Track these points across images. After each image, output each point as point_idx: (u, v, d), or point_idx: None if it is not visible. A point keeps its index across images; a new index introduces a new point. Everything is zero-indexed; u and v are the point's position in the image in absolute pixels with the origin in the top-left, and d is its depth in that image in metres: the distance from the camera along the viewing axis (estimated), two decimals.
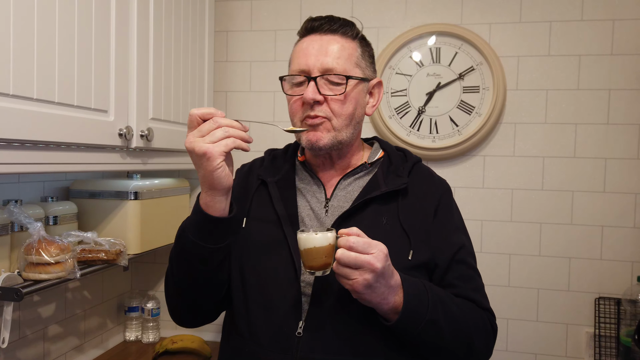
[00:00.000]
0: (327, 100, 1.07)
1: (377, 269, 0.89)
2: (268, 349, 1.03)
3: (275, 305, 1.05)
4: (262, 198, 1.15)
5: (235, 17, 2.09)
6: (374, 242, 0.92)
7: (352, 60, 1.09)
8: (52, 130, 1.14)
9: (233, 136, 0.93)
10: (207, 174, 0.94)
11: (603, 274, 1.86)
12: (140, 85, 1.49)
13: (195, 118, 0.95)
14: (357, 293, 0.92)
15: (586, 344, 1.87)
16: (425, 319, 0.96)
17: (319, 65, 1.06)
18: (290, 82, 1.12)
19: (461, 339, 1.02)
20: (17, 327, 1.52)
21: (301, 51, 1.10)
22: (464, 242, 1.13)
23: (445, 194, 1.17)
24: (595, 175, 1.87)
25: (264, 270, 1.08)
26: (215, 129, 0.93)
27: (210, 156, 0.92)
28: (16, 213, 1.26)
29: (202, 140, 0.92)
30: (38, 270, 1.26)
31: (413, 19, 1.97)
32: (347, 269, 0.90)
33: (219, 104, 2.11)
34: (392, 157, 1.18)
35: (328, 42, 1.08)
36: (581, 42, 1.86)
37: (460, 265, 1.10)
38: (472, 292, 1.09)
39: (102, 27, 1.32)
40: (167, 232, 1.80)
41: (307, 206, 1.13)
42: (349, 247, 0.90)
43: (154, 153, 1.61)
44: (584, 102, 1.87)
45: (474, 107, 1.92)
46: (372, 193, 1.09)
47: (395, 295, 0.95)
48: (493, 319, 1.12)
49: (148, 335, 2.03)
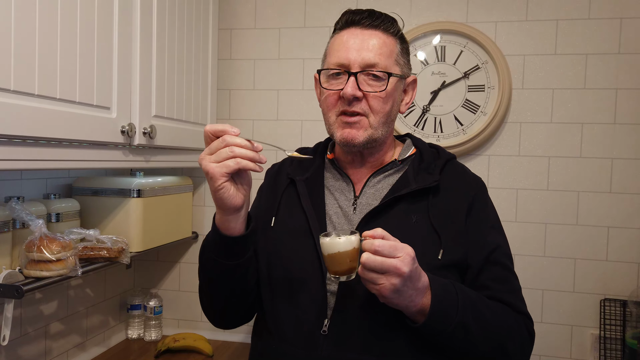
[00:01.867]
0: (366, 96, 1.04)
1: (405, 273, 0.86)
2: (294, 346, 1.02)
3: (301, 302, 1.04)
4: (291, 196, 1.14)
5: (239, 14, 2.09)
6: (400, 245, 0.88)
7: (393, 57, 1.07)
8: (54, 126, 1.13)
9: (239, 156, 0.90)
10: (212, 193, 0.95)
11: (609, 275, 1.85)
12: (143, 82, 1.48)
13: (207, 135, 0.94)
14: (384, 297, 0.89)
15: (591, 345, 1.85)
16: (455, 322, 0.92)
17: (360, 61, 1.04)
18: (326, 75, 1.08)
19: (493, 343, 0.98)
20: (18, 325, 1.52)
21: (341, 44, 1.06)
22: (499, 243, 1.09)
23: (480, 191, 1.13)
24: (601, 175, 1.85)
25: (291, 268, 1.07)
26: (222, 147, 0.91)
27: (212, 176, 0.91)
28: (18, 210, 1.25)
29: (208, 159, 0.92)
30: (39, 268, 1.25)
31: (418, 17, 1.96)
32: (373, 273, 0.87)
33: (222, 102, 2.10)
34: (424, 154, 1.15)
35: (370, 36, 1.06)
36: (588, 41, 1.84)
37: (495, 267, 1.06)
38: (507, 294, 1.05)
39: (105, 22, 1.31)
40: (169, 230, 1.80)
41: (335, 204, 1.12)
42: (375, 251, 0.86)
43: (157, 150, 1.61)
44: (591, 101, 1.85)
45: (479, 106, 1.90)
46: (401, 191, 1.06)
47: (422, 297, 0.91)
48: (530, 323, 1.07)
49: (150, 333, 2.02)
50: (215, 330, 2.10)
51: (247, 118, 2.09)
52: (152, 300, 2.02)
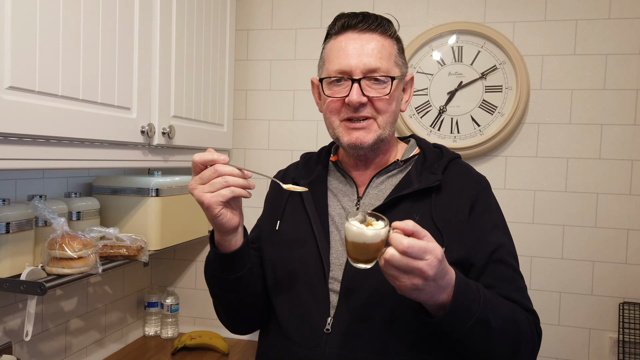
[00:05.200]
0: (371, 100, 1.05)
1: (429, 276, 0.82)
2: (298, 344, 1.04)
3: (304, 302, 1.06)
4: (295, 200, 1.17)
5: (256, 15, 2.10)
6: (430, 247, 0.82)
7: (392, 58, 1.08)
8: (76, 126, 1.16)
9: (232, 185, 0.94)
10: (210, 220, 0.98)
11: (628, 279, 1.82)
12: (163, 83, 1.50)
13: (197, 165, 0.96)
14: (402, 292, 0.86)
15: (609, 349, 1.83)
16: (475, 318, 0.90)
17: (362, 66, 1.04)
18: (328, 81, 1.09)
19: (509, 341, 0.97)
20: (40, 321, 1.55)
21: (340, 50, 1.06)
22: (503, 241, 1.07)
23: (484, 190, 1.12)
24: (621, 177, 1.82)
25: (294, 268, 1.10)
26: (215, 177, 0.94)
27: (209, 206, 0.94)
28: (40, 208, 1.28)
29: (201, 189, 0.94)
30: (61, 265, 1.28)
31: (435, 17, 1.95)
32: (396, 271, 0.83)
33: (239, 102, 2.11)
34: (427, 154, 1.15)
35: (368, 40, 1.06)
36: (608, 41, 1.82)
37: (499, 265, 1.05)
38: (514, 292, 1.04)
39: (125, 25, 1.33)
40: (186, 229, 1.82)
41: (339, 205, 1.13)
42: (403, 252, 0.81)
43: (175, 150, 1.63)
44: (611, 102, 1.82)
45: (497, 107, 1.89)
46: (403, 190, 1.07)
47: (444, 294, 0.88)
48: (538, 321, 1.06)
49: (167, 330, 2.05)
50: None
51: (263, 118, 2.10)
52: (169, 298, 2.05)
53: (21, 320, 1.47)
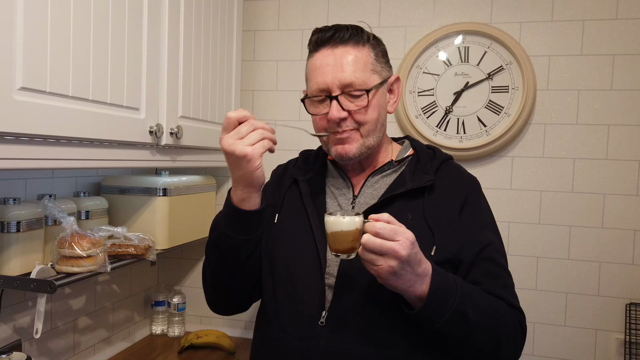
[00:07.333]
0: (351, 113, 1.09)
1: (402, 256, 0.88)
2: (293, 336, 1.07)
3: (300, 294, 1.09)
4: (294, 195, 1.20)
5: (262, 16, 2.11)
6: (400, 229, 0.90)
7: (368, 68, 1.10)
8: (85, 126, 1.17)
9: (267, 138, 1.00)
10: (246, 174, 1.01)
11: (635, 280, 1.81)
12: (171, 84, 1.52)
13: (233, 121, 1.00)
14: (382, 279, 0.92)
15: (616, 350, 1.82)
16: (452, 309, 0.94)
17: (338, 83, 1.07)
18: (310, 101, 1.14)
19: (489, 335, 1.00)
20: (49, 319, 1.57)
21: (316, 70, 1.11)
22: (491, 240, 1.11)
23: (474, 191, 1.17)
24: (628, 178, 1.82)
25: (292, 261, 1.13)
26: (252, 131, 0.99)
27: (252, 158, 0.98)
28: (50, 207, 1.29)
29: (242, 143, 0.98)
30: (70, 264, 1.29)
31: (441, 18, 1.96)
32: (372, 254, 0.90)
33: (246, 102, 2.12)
34: (421, 155, 1.19)
35: (341, 55, 1.08)
36: (615, 41, 1.81)
37: (487, 263, 1.08)
38: (499, 289, 1.07)
39: (134, 26, 1.34)
40: (194, 228, 1.83)
41: (335, 203, 1.17)
42: (375, 233, 0.89)
43: (183, 150, 1.64)
44: (618, 102, 1.82)
45: (503, 107, 1.89)
46: (397, 190, 1.11)
47: (422, 284, 0.94)
48: (523, 318, 1.10)
49: (174, 329, 2.06)
50: (236, 328, 2.13)
51: (270, 118, 2.11)
52: (176, 296, 2.06)
53: (31, 318, 1.49)
